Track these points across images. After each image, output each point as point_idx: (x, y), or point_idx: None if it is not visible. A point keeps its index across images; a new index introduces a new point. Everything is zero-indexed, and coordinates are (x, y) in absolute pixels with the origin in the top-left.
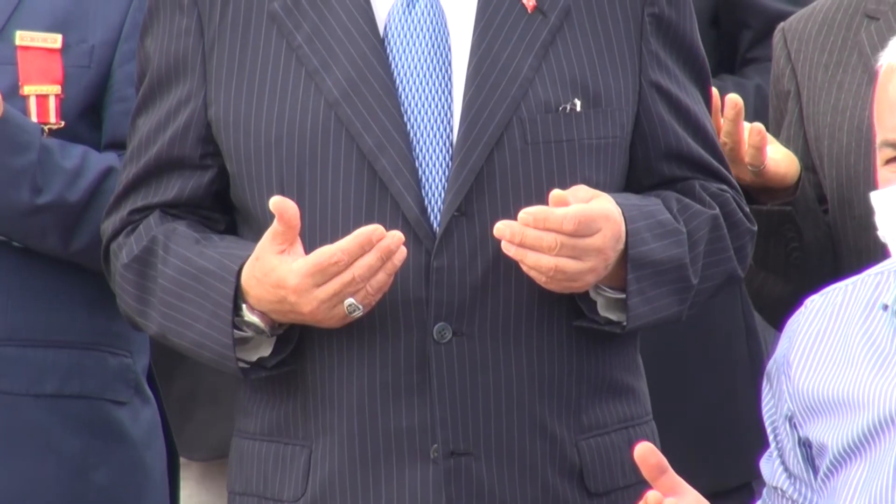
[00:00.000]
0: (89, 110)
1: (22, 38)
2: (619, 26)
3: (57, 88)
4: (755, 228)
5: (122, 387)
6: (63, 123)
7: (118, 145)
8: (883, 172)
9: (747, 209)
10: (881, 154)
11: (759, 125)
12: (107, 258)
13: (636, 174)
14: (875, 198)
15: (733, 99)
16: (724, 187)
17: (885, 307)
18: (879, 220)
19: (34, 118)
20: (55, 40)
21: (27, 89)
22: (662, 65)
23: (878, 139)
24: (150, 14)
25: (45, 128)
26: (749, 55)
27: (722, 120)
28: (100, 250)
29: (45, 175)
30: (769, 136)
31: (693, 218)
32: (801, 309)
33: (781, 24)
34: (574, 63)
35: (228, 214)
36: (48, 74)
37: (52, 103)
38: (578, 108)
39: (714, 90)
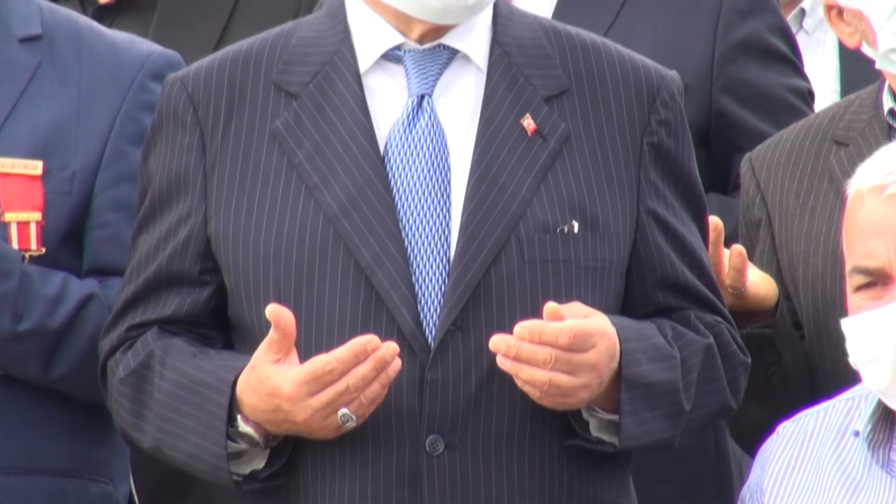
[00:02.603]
0: (70, 236)
1: (2, 164)
2: (618, 153)
3: (38, 215)
4: (749, 361)
5: None
6: (44, 250)
7: (99, 271)
8: (854, 299)
9: (741, 342)
10: (851, 281)
11: (739, 247)
12: (104, 375)
13: (632, 301)
14: (846, 325)
15: (713, 221)
16: (719, 319)
17: (857, 433)
18: (850, 346)
19: (15, 245)
20: (36, 167)
21: (8, 216)
22: (660, 194)
23: (849, 266)
24: (153, 132)
25: (26, 254)
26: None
27: None
28: (80, 377)
29: (26, 302)
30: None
31: (687, 345)
32: (773, 436)
33: (749, 154)
34: (573, 186)
35: (226, 332)
36: (29, 201)
37: (32, 230)
38: (576, 230)
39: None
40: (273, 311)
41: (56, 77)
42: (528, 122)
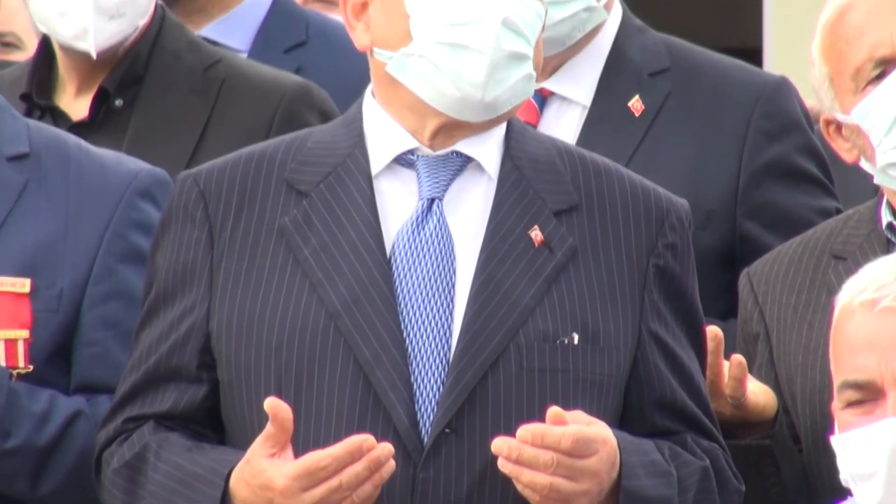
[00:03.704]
0: (58, 354)
1: None
2: (623, 272)
3: (25, 333)
4: (743, 488)
5: None
6: (32, 367)
7: (87, 389)
8: (843, 416)
9: (735, 469)
10: (841, 397)
11: (739, 357)
12: (98, 467)
13: (629, 421)
14: (836, 441)
15: (713, 330)
16: (715, 445)
17: None
18: (842, 463)
19: (2, 362)
20: (24, 285)
21: None
22: (662, 317)
23: (837, 381)
24: (161, 227)
25: (14, 372)
26: None
27: None
28: (67, 494)
29: (13, 419)
30: None
31: (684, 465)
32: None
33: (746, 269)
34: (576, 300)
35: (221, 432)
36: (16, 319)
37: (20, 347)
38: (576, 342)
39: None
40: (272, 404)
41: (44, 195)
42: (536, 234)
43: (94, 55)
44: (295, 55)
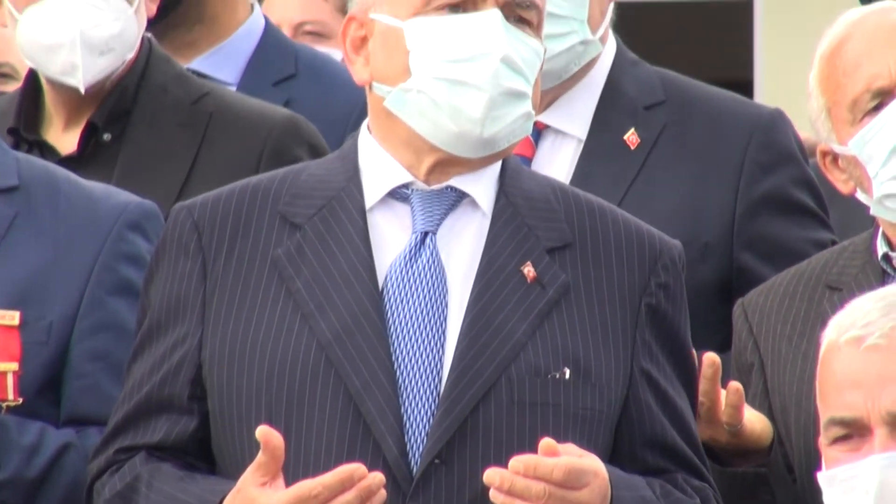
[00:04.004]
0: (48, 386)
1: None
2: (616, 310)
3: (14, 365)
4: None
5: None
6: (21, 400)
7: (77, 421)
8: (830, 452)
9: None
10: (827, 433)
11: (736, 384)
12: (89, 497)
13: (620, 458)
14: (823, 478)
15: (710, 357)
16: (706, 485)
17: None
18: (828, 499)
19: None
20: (13, 317)
21: None
22: (654, 356)
23: (824, 418)
24: (155, 259)
25: (3, 405)
26: None
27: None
28: None
29: (2, 452)
30: None
31: (675, 503)
32: None
33: (741, 299)
34: (568, 336)
35: (212, 463)
36: (6, 351)
37: (9, 380)
38: (567, 377)
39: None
40: (263, 432)
41: (33, 228)
42: (529, 270)
43: (82, 91)
44: (284, 88)
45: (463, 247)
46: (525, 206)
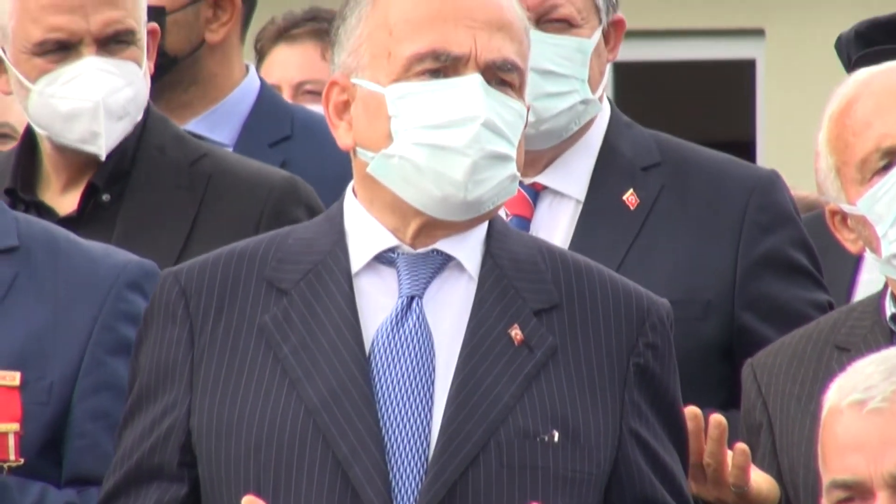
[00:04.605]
0: (49, 446)
1: None
2: (604, 371)
3: (16, 426)
4: None
5: None
6: (22, 460)
7: (79, 481)
8: None
9: None
10: (830, 496)
11: (743, 445)
12: None
13: None
14: None
15: (717, 419)
16: None
17: None
18: None
19: None
20: (13, 378)
21: None
22: (643, 415)
23: (826, 480)
24: (144, 325)
25: (5, 465)
26: None
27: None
28: None
29: None
30: None
31: None
32: None
33: (750, 360)
34: (556, 398)
35: None
36: (7, 412)
37: (10, 440)
38: (556, 439)
39: (697, 410)
40: (249, 501)
41: (33, 288)
42: (516, 333)
43: (103, 157)
44: (280, 149)
45: (450, 310)
46: (511, 268)
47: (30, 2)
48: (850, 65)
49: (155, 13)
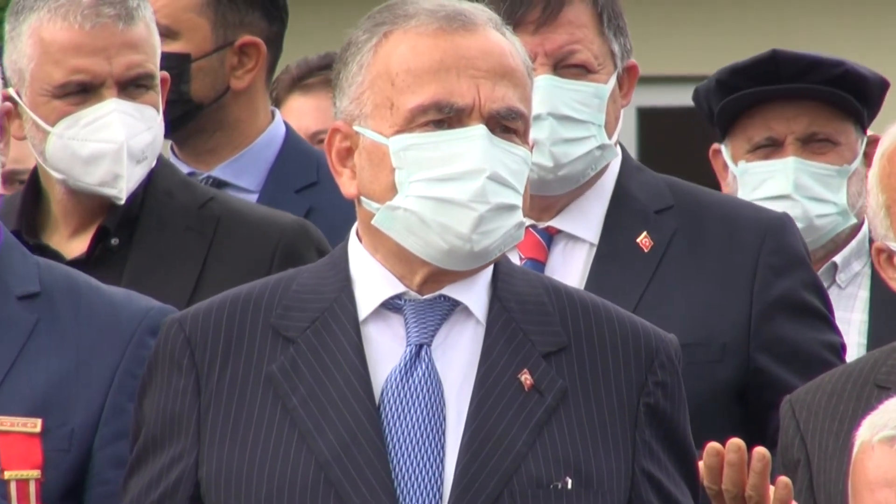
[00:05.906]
0: (70, 493)
1: (2, 422)
2: (614, 412)
3: (37, 473)
4: None
5: None
6: None
7: None
8: None
9: None
10: None
11: (786, 479)
12: None
13: None
14: None
15: (761, 451)
16: None
17: None
18: None
19: (14, 503)
20: (35, 425)
21: (7, 474)
22: (654, 455)
23: None
24: (148, 373)
25: None
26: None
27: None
28: None
29: None
30: None
31: None
32: None
33: (788, 396)
34: (568, 443)
35: None
36: (28, 459)
37: (32, 488)
38: (570, 486)
39: (718, 446)
40: None
41: (54, 334)
42: (526, 378)
43: (122, 200)
44: (306, 195)
45: (458, 357)
46: (519, 311)
47: (51, 44)
48: (711, 115)
49: (179, 60)
